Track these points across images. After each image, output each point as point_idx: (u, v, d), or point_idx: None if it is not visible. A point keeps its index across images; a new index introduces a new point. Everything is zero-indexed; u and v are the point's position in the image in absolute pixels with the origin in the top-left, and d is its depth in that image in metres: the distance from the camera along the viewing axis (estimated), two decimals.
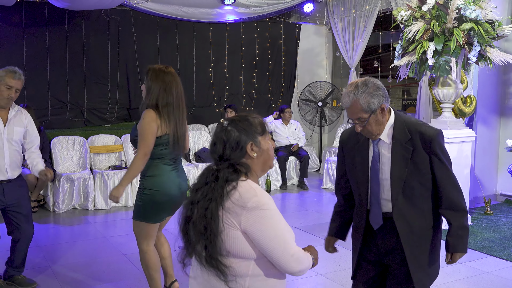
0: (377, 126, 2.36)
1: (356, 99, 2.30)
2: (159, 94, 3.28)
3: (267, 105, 9.70)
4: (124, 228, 5.85)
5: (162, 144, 3.30)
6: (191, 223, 1.79)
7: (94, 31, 7.87)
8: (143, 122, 3.24)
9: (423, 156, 2.34)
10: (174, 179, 3.37)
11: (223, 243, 1.74)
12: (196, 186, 1.85)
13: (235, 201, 1.74)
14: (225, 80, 9.09)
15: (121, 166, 7.05)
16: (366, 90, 2.30)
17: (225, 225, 1.74)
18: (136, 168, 3.25)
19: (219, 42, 8.98)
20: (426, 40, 5.25)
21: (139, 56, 8.22)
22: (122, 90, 8.17)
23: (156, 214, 3.37)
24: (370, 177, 2.43)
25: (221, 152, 1.84)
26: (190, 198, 1.84)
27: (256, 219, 1.72)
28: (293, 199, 7.54)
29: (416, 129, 2.36)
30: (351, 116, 2.35)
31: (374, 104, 2.31)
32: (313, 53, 10.15)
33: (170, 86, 3.31)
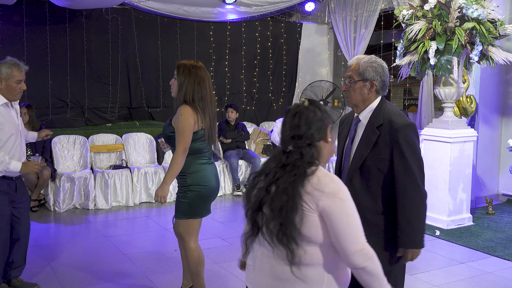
0: (357, 97, 2.54)
1: (359, 61, 2.54)
2: (194, 88, 3.32)
3: (268, 105, 9.69)
4: (125, 228, 5.85)
5: (198, 139, 3.35)
6: (269, 200, 1.79)
7: (95, 30, 7.87)
8: (181, 118, 3.26)
9: (386, 143, 2.43)
10: (213, 172, 3.45)
11: (298, 222, 1.74)
12: (266, 169, 1.86)
13: (314, 185, 1.75)
14: (226, 79, 9.09)
15: (122, 166, 7.05)
16: (372, 61, 2.53)
17: (303, 206, 1.74)
18: (178, 164, 3.27)
19: (220, 41, 8.97)
20: (428, 39, 5.24)
21: (140, 55, 8.22)
22: (123, 89, 8.16)
23: (203, 209, 3.44)
24: (344, 155, 2.60)
25: (305, 130, 1.82)
26: (264, 181, 1.84)
27: (333, 205, 1.73)
28: None
29: (389, 117, 2.47)
30: (347, 73, 2.56)
31: (369, 74, 2.51)
32: (314, 52, 10.14)
33: (203, 81, 3.36)
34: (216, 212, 6.54)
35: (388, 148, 2.43)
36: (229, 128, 7.86)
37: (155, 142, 7.49)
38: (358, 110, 2.58)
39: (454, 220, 5.84)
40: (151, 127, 7.88)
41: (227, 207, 6.95)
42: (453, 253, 4.97)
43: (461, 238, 5.43)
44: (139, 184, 6.89)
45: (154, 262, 4.66)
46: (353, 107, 2.60)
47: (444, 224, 5.77)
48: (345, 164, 2.57)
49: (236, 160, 7.53)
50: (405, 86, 9.22)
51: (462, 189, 5.86)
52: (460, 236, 5.51)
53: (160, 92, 8.47)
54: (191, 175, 3.38)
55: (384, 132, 2.44)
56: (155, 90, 8.47)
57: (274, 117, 9.73)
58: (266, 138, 8.50)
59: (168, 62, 8.49)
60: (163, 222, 6.03)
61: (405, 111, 9.16)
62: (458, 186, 5.82)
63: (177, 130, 3.28)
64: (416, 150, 2.42)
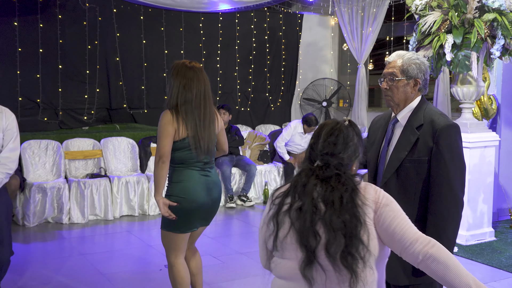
0: (400, 95, 2.62)
1: (401, 57, 2.62)
2: (179, 91, 3.39)
3: (265, 105, 9.70)
4: (104, 244, 5.83)
5: (183, 148, 3.40)
6: (324, 218, 1.82)
7: (70, 22, 7.87)
8: (159, 125, 3.39)
9: (426, 145, 2.49)
10: (202, 185, 3.45)
11: (366, 239, 1.81)
12: (297, 185, 1.90)
13: (366, 196, 1.87)
14: (218, 77, 9.10)
15: (100, 174, 7.04)
16: (415, 57, 2.63)
17: (366, 221, 1.83)
18: (157, 175, 3.36)
19: (211, 34, 8.99)
20: (443, 33, 5.27)
21: (121, 50, 8.22)
22: (101, 89, 8.16)
23: (184, 224, 3.46)
24: (380, 157, 2.67)
25: (340, 150, 1.91)
26: (303, 198, 1.87)
27: (391, 213, 1.86)
28: None
29: (430, 117, 2.55)
30: (387, 70, 2.63)
31: (413, 71, 2.60)
32: (316, 46, 10.17)
33: (190, 83, 3.41)
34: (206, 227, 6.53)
35: (428, 150, 2.50)
36: None
37: (138, 148, 7.48)
38: (398, 110, 2.66)
39: (474, 235, 5.85)
40: (133, 131, 7.87)
41: (218, 221, 6.94)
42: (473, 271, 4.97)
43: (481, 255, 5.43)
44: (119, 195, 6.87)
45: (137, 283, 4.64)
46: (393, 107, 2.68)
47: (463, 239, 5.78)
48: (380, 167, 2.66)
49: (229, 168, 7.53)
50: None
51: (483, 200, 5.87)
52: (480, 253, 5.52)
53: (144, 92, 8.46)
54: (174, 184, 3.46)
55: (425, 133, 2.52)
56: (138, 89, 8.47)
57: (271, 119, 9.75)
58: (263, 143, 8.50)
59: (152, 58, 8.49)
60: (147, 238, 6.01)
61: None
62: (478, 196, 5.83)
63: (156, 138, 3.42)
64: (458, 153, 2.49)
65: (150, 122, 8.39)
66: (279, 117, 9.86)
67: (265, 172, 8.03)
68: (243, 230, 6.54)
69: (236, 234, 6.41)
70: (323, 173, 1.88)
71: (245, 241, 5.99)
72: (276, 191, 1.99)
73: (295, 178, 1.95)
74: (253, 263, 5.14)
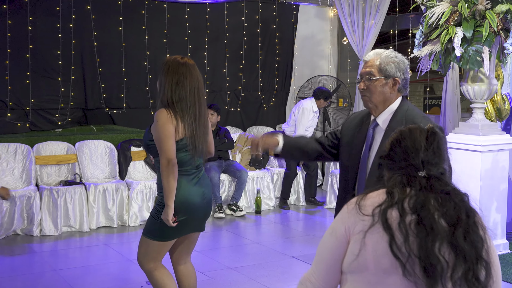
0: (379, 96, 2.70)
1: (378, 56, 2.71)
2: (173, 88, 3.45)
3: (257, 105, 9.70)
4: (79, 259, 5.80)
5: (181, 149, 3.47)
6: (447, 240, 1.73)
7: (42, 13, 7.84)
8: (157, 125, 3.42)
9: None
10: (196, 190, 3.56)
11: (487, 257, 1.78)
12: (406, 199, 1.80)
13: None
14: (205, 74, 9.09)
15: (75, 181, 7.01)
16: (393, 56, 2.72)
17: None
18: (169, 181, 3.40)
19: (198, 27, 8.98)
20: (452, 25, 5.29)
21: (98, 43, 8.20)
22: (76, 86, 8.13)
23: (175, 232, 3.56)
24: (360, 164, 2.73)
25: (444, 159, 1.90)
26: (413, 214, 1.76)
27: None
28: (295, 221, 7.54)
29: (413, 120, 2.62)
30: (364, 69, 2.72)
31: (391, 70, 2.69)
32: (314, 40, 10.19)
33: (182, 79, 3.49)
34: None
35: None
36: None
37: (117, 153, 7.46)
38: (377, 112, 2.73)
39: None
40: (111, 133, 7.85)
41: (206, 232, 6.90)
42: None
43: None
44: (96, 205, 6.85)
45: None
46: (371, 108, 2.73)
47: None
48: (361, 175, 2.71)
49: (217, 174, 7.52)
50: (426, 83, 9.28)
51: (496, 209, 5.89)
52: None
53: (123, 90, 8.44)
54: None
55: None
56: (116, 87, 8.44)
57: (264, 120, 9.75)
58: None
59: (133, 52, 8.48)
60: (127, 252, 5.99)
61: (426, 113, 9.18)
62: (491, 205, 5.85)
63: (156, 141, 3.43)
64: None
65: (130, 124, 8.36)
66: (273, 118, 9.86)
67: (257, 178, 8.02)
68: (233, 243, 6.53)
69: (225, 247, 6.40)
70: (439, 186, 1.81)
71: (235, 254, 5.98)
72: (362, 199, 1.85)
73: (392, 189, 1.83)
74: (244, 279, 5.13)
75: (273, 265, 5.53)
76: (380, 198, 1.82)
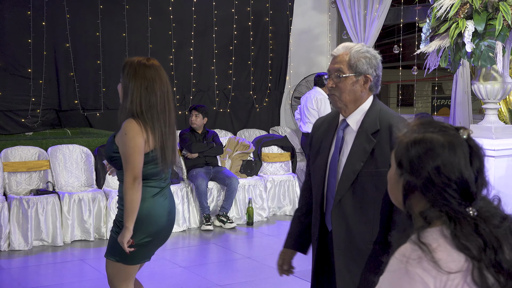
0: (349, 95, 2.69)
1: (349, 51, 2.70)
2: (142, 95, 3.40)
3: (248, 106, 9.71)
4: (51, 276, 5.77)
5: (149, 162, 3.43)
6: None
7: (11, 4, 7.82)
8: (126, 138, 3.36)
9: (387, 154, 2.54)
10: (162, 205, 3.53)
11: None
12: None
13: None
14: (192, 72, 9.09)
15: (47, 190, 6.98)
16: (364, 50, 2.71)
17: None
18: (133, 200, 3.36)
19: (183, 20, 8.98)
20: (462, 18, 5.31)
21: (72, 38, 8.18)
22: (49, 85, 8.11)
23: (141, 254, 3.51)
24: (328, 170, 2.75)
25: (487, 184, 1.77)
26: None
27: None
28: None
29: (387, 121, 2.65)
30: (333, 65, 2.71)
31: (362, 66, 2.68)
32: (311, 35, 10.20)
33: (152, 84, 3.44)
34: (177, 254, 6.49)
35: (387, 160, 2.55)
36: (195, 139, 7.84)
37: (94, 159, 7.43)
38: (347, 112, 2.74)
39: None
40: (88, 137, 7.83)
41: (192, 246, 6.91)
42: None
43: None
44: (71, 216, 6.82)
45: None
46: (340, 108, 2.74)
47: None
48: (331, 181, 2.73)
49: (204, 182, 7.51)
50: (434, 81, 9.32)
51: None
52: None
53: (101, 89, 8.43)
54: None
55: (382, 140, 2.62)
56: (93, 86, 8.43)
57: (256, 122, 9.75)
58: (246, 152, 8.50)
59: (111, 48, 8.46)
60: (104, 268, 5.96)
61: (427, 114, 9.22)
62: None
63: (123, 155, 3.37)
64: None
65: (109, 127, 8.34)
66: (266, 120, 9.87)
67: (248, 186, 8.02)
68: (222, 258, 6.52)
69: (213, 262, 6.39)
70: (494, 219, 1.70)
71: (224, 271, 5.97)
72: (430, 252, 1.63)
73: (464, 242, 1.66)
74: None
75: (267, 283, 5.53)
76: (459, 263, 1.63)
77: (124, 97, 3.46)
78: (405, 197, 1.73)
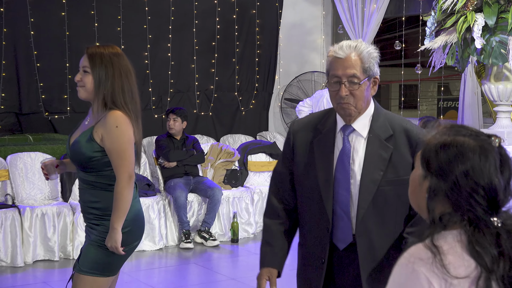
0: (364, 102, 2.73)
1: (359, 52, 2.70)
2: (124, 84, 3.48)
3: (233, 108, 9.69)
4: None
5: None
6: None
7: None
8: (118, 132, 3.41)
9: (406, 160, 2.68)
10: (141, 210, 3.68)
11: None
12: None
13: None
14: (169, 70, 9.07)
15: (6, 204, 6.94)
16: (372, 50, 2.74)
17: None
18: (125, 202, 3.43)
19: (160, 12, 8.96)
20: (471, 11, 5.34)
21: (35, 33, 8.14)
22: (8, 85, 8.07)
23: (120, 261, 3.59)
24: (336, 181, 2.75)
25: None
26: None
27: None
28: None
29: (401, 125, 2.74)
30: (344, 70, 2.67)
31: (373, 68, 2.72)
32: (303, 29, 10.22)
33: (129, 74, 3.54)
34: (153, 275, 6.46)
35: (409, 165, 2.63)
36: (173, 145, 7.83)
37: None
38: (353, 119, 2.77)
39: None
40: (52, 144, 7.79)
41: (170, 266, 6.88)
42: None
43: None
44: (33, 233, 6.78)
45: None
46: (352, 116, 2.75)
47: None
48: (342, 194, 2.74)
49: (184, 194, 7.49)
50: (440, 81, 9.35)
51: None
52: None
53: (67, 90, 8.39)
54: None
55: (400, 146, 2.71)
56: (59, 86, 8.39)
57: (241, 127, 9.73)
58: (231, 160, 8.50)
59: (79, 43, 8.40)
60: None
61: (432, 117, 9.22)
62: None
63: (114, 151, 3.41)
64: None
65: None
66: (253, 125, 9.86)
67: (233, 199, 8.01)
68: (203, 279, 6.51)
69: (194, 284, 6.37)
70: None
71: None
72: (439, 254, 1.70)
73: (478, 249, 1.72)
74: None
75: None
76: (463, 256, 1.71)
77: (98, 87, 3.47)
78: (429, 199, 1.79)
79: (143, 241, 7.22)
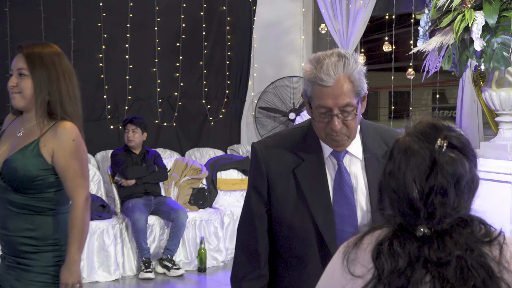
0: (357, 127, 2.65)
1: (350, 73, 2.53)
2: (69, 91, 3.45)
3: (200, 119, 9.68)
4: None
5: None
6: None
7: None
8: (74, 146, 3.38)
9: None
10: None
11: None
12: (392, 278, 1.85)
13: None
14: (127, 75, 9.04)
15: None
16: (360, 67, 2.58)
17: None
18: (87, 225, 3.44)
19: (117, 8, 8.94)
20: (470, 9, 5.38)
21: None
22: None
23: None
24: (338, 217, 2.65)
25: (458, 199, 1.86)
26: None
27: None
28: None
29: (392, 136, 2.60)
30: (335, 100, 2.50)
31: (364, 86, 2.59)
32: (280, 28, 10.24)
33: (73, 76, 3.54)
34: None
35: None
36: (132, 161, 7.79)
37: None
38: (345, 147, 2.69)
39: None
40: None
41: None
42: None
43: None
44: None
45: None
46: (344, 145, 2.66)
47: None
48: (346, 232, 2.60)
49: (143, 216, 7.45)
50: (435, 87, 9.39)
51: None
52: None
53: (6, 95, 8.32)
54: (66, 239, 3.46)
55: None
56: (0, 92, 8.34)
57: (210, 140, 9.73)
58: (197, 178, 8.47)
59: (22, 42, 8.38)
60: None
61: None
62: None
63: (71, 169, 3.37)
64: None
65: None
66: (223, 137, 9.86)
67: (200, 222, 7.99)
68: None
69: None
70: (437, 253, 1.83)
71: None
72: (354, 248, 1.93)
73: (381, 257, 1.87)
74: None
75: None
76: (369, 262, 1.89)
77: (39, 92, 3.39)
78: (380, 196, 2.00)
79: (96, 271, 7.19)
